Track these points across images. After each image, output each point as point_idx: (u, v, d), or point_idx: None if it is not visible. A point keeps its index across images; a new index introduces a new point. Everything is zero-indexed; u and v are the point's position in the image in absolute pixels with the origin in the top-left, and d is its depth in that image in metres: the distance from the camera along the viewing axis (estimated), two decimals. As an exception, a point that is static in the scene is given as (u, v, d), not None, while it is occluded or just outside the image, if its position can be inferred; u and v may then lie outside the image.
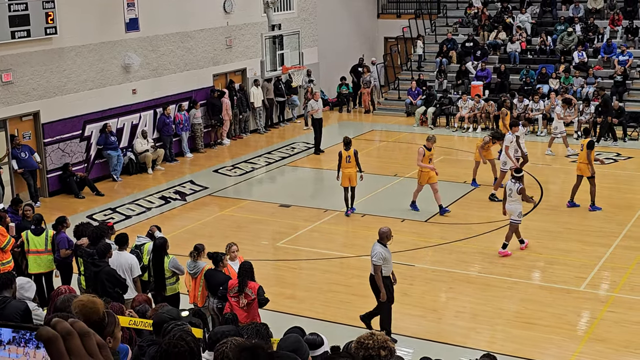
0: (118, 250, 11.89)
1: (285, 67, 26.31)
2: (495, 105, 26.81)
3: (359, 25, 34.46)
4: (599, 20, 30.23)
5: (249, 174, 22.56)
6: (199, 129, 24.89)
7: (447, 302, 13.86)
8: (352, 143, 18.35)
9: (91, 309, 4.84)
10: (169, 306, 8.58)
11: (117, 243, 12.05)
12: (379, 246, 11.99)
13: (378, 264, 11.87)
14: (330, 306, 13.64)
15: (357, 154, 18.12)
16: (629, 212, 17.93)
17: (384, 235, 12.09)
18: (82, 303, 4.90)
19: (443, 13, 33.95)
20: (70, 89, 21.03)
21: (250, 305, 10.85)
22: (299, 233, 17.47)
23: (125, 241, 12.12)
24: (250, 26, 27.06)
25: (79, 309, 4.86)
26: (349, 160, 18.08)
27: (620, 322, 12.66)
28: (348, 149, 18.12)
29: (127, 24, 22.55)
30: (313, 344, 6.67)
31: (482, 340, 12.20)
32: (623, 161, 22.35)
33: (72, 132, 21.16)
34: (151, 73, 23.48)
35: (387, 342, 4.65)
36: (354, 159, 18.03)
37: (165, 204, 19.97)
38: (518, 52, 29.73)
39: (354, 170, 18.09)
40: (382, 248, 11.98)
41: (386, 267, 11.99)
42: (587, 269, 14.85)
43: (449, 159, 23.50)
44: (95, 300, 4.98)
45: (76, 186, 20.54)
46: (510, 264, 15.24)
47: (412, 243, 16.48)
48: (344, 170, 18.14)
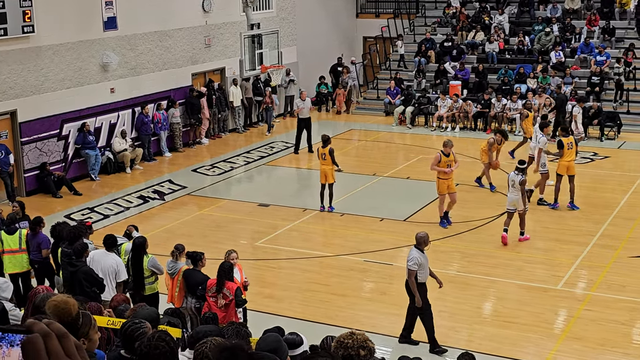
0: (106, 250, 11.79)
1: (264, 66, 26.26)
2: (474, 105, 26.95)
3: (337, 25, 34.49)
4: (576, 20, 30.45)
5: (227, 173, 22.52)
6: (178, 128, 24.81)
7: (425, 301, 13.89)
8: (329, 141, 18.40)
9: (63, 309, 4.81)
10: (147, 306, 8.54)
11: (104, 243, 11.91)
12: (416, 251, 11.59)
13: (413, 269, 11.50)
14: (309, 305, 13.65)
15: (333, 153, 18.18)
16: (605, 211, 18.07)
17: (422, 240, 11.70)
18: (54, 303, 4.87)
19: (422, 13, 34.06)
20: (47, 88, 20.90)
21: (228, 306, 10.83)
22: (277, 232, 17.46)
23: (113, 243, 11.96)
24: (229, 25, 27.01)
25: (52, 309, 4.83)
26: (324, 158, 18.22)
27: (597, 320, 12.77)
28: (324, 147, 18.23)
29: (105, 23, 22.44)
30: (292, 343, 6.67)
31: (461, 339, 12.26)
32: (600, 160, 22.52)
33: (49, 131, 21.02)
34: (129, 72, 23.38)
35: (366, 341, 4.67)
36: (329, 157, 18.10)
37: (144, 203, 19.90)
38: (496, 52, 29.89)
39: (329, 168, 18.19)
40: (419, 253, 11.60)
41: (422, 273, 11.62)
42: (564, 268, 14.96)
43: (428, 158, 23.52)
44: (69, 300, 4.94)
45: (54, 185, 20.41)
46: (489, 263, 15.32)
47: (390, 242, 16.53)
48: (320, 167, 18.36)
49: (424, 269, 11.67)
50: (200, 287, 11.27)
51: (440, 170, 17.08)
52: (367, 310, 13.42)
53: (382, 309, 13.45)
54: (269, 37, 26.57)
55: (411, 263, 11.51)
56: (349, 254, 15.93)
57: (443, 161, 17.08)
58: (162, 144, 24.38)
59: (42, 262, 13.19)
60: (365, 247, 16.32)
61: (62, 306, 4.84)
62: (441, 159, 17.09)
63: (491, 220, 17.74)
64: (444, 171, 17.04)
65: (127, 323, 6.21)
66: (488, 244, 16.28)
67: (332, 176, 18.26)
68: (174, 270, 11.84)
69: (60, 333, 1.75)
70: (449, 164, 17.07)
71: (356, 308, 13.53)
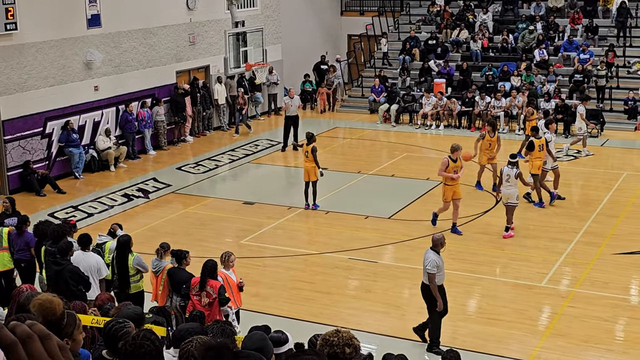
0: (82, 250, 11.74)
1: (248, 64, 26.28)
2: (458, 102, 27.02)
3: (322, 23, 34.51)
4: (559, 18, 30.61)
5: (212, 172, 22.48)
6: (162, 126, 24.74)
7: (410, 298, 13.94)
8: (314, 138, 18.42)
9: (48, 308, 4.78)
10: (132, 305, 8.53)
11: (80, 244, 11.87)
12: (433, 253, 11.41)
13: (432, 272, 11.31)
14: (294, 303, 13.66)
15: (315, 151, 18.14)
16: (589, 208, 18.18)
17: (438, 242, 11.52)
18: (39, 302, 4.84)
19: (406, 11, 34.12)
20: (31, 86, 20.79)
21: (212, 304, 10.83)
22: (262, 230, 17.45)
23: (88, 242, 11.95)
24: (213, 23, 26.95)
25: (37, 308, 4.80)
26: (307, 155, 18.28)
27: (580, 317, 12.84)
28: (308, 144, 18.30)
29: (89, 20, 22.35)
30: (278, 341, 6.68)
31: (445, 336, 12.28)
32: (583, 158, 22.63)
33: (33, 129, 20.91)
34: (113, 70, 23.29)
35: (352, 339, 4.67)
36: (311, 155, 18.16)
37: (128, 201, 19.84)
38: (480, 50, 29.98)
39: (312, 165, 18.21)
40: (436, 255, 11.42)
41: (440, 275, 11.49)
42: (548, 265, 15.04)
43: (412, 156, 23.63)
44: (53, 299, 4.91)
45: (37, 184, 20.31)
46: (473, 260, 15.38)
47: (375, 240, 16.56)
48: (303, 165, 18.47)
49: (442, 271, 11.51)
50: (185, 285, 11.26)
51: (448, 176, 16.47)
52: (351, 308, 13.44)
53: (366, 306, 13.48)
54: (254, 34, 26.60)
55: (430, 266, 11.30)
56: (334, 252, 15.95)
57: (451, 166, 16.39)
58: (146, 142, 24.31)
59: (29, 261, 13.12)
60: (349, 244, 16.34)
61: (47, 305, 4.82)
62: (449, 164, 16.38)
63: (475, 217, 17.81)
64: (452, 177, 16.45)
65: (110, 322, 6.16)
66: (472, 242, 16.34)
67: (314, 174, 18.28)
68: (159, 269, 11.82)
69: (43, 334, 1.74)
70: (455, 170, 16.46)
71: (341, 306, 13.56)
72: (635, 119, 25.85)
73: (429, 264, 11.33)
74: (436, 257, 11.40)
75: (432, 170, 21.34)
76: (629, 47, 28.70)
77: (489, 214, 18.05)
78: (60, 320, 4.86)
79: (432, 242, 11.61)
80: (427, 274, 11.42)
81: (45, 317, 4.78)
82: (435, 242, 11.56)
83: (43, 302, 4.82)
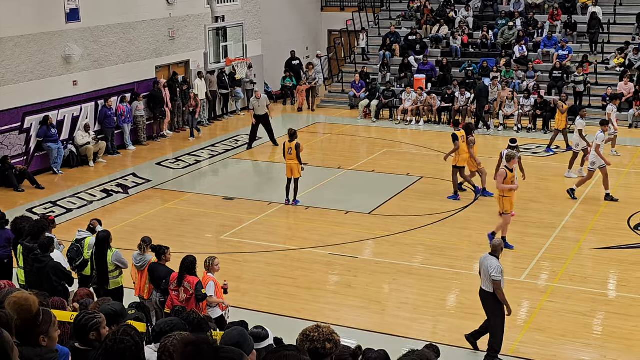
0: None
1: (229, 59, 26.21)
2: (438, 98, 27.10)
3: (302, 18, 34.49)
4: (539, 15, 30.77)
5: (192, 167, 22.42)
6: (142, 121, 24.64)
7: (390, 293, 13.98)
8: (296, 135, 18.42)
9: (24, 306, 4.76)
10: (111, 300, 8.49)
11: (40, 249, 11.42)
12: (495, 260, 11.07)
13: (498, 279, 10.96)
14: (274, 299, 13.65)
15: (299, 148, 18.21)
16: (567, 204, 18.30)
17: (499, 247, 11.25)
18: (14, 300, 4.81)
19: (386, 6, 34.19)
20: (8, 80, 20.63)
21: (189, 300, 10.81)
22: (243, 226, 17.44)
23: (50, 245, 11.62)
24: (193, 18, 26.86)
25: (12, 305, 4.77)
26: (290, 152, 18.29)
27: (559, 311, 12.93)
28: (291, 141, 18.27)
29: (68, 15, 22.20)
30: (257, 337, 6.67)
31: (425, 331, 12.35)
32: (562, 153, 22.77)
33: (11, 124, 20.76)
34: (92, 64, 23.16)
35: (332, 334, 4.68)
36: (295, 152, 18.14)
37: (108, 197, 19.74)
38: (460, 46, 30.07)
39: (295, 162, 18.26)
40: (498, 261, 11.09)
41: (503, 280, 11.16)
42: (527, 260, 15.13)
43: (392, 151, 23.68)
44: (29, 297, 4.88)
45: (15, 179, 20.17)
46: (452, 255, 15.44)
47: (355, 235, 16.58)
48: (286, 162, 18.43)
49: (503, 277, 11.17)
50: (164, 280, 11.23)
51: (508, 187, 15.48)
52: (332, 303, 13.46)
53: (347, 301, 13.50)
54: (234, 30, 26.53)
55: (495, 272, 10.94)
56: (314, 247, 15.96)
57: (509, 177, 15.52)
58: (125, 137, 24.20)
59: (10, 258, 13.01)
60: (330, 240, 16.36)
61: (22, 303, 4.79)
62: (507, 175, 15.50)
63: (455, 212, 17.88)
64: (512, 188, 15.57)
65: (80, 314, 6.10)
66: (452, 237, 16.40)
67: (297, 171, 18.31)
68: (143, 263, 11.77)
69: None
70: (512, 180, 15.62)
71: (321, 301, 13.57)
72: (613, 115, 25.99)
73: (494, 271, 10.93)
74: (498, 262, 11.07)
75: (412, 166, 21.53)
76: (607, 44, 28.87)
77: (468, 209, 18.13)
78: (36, 318, 4.83)
79: (492, 248, 11.28)
80: (491, 281, 11.00)
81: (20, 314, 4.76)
82: (496, 247, 11.25)
83: (18, 300, 4.79)
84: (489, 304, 11.24)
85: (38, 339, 4.86)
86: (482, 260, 11.31)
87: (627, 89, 26.31)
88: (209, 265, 11.33)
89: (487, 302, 11.25)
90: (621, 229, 16.68)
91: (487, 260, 11.13)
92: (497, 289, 11.01)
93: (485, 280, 11.19)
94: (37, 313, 4.86)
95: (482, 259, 11.32)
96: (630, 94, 26.22)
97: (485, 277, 11.16)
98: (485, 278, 11.15)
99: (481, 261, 11.33)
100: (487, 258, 11.18)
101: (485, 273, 11.13)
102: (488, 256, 11.21)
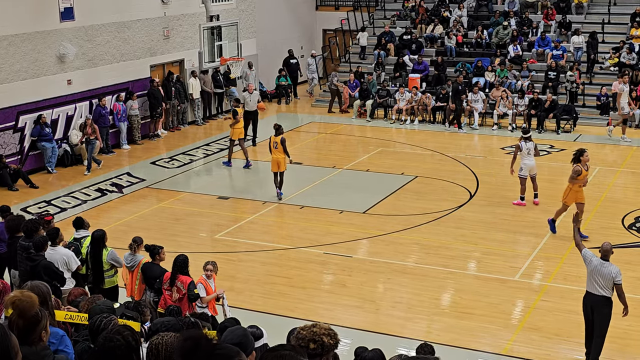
0: (50, 245, 11.57)
1: (223, 58, 26.17)
2: (433, 97, 27.11)
3: (297, 17, 34.48)
4: (533, 14, 30.81)
5: (187, 166, 22.40)
6: (136, 121, 24.61)
7: (384, 292, 13.99)
8: (282, 129, 18.68)
9: (28, 303, 4.78)
10: (103, 298, 8.49)
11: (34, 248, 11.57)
12: (613, 265, 10.80)
13: (620, 283, 10.73)
14: (269, 298, 13.65)
15: (285, 142, 18.46)
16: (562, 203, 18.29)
17: (611, 251, 10.95)
18: (17, 299, 4.82)
19: (381, 6, 34.20)
20: (2, 79, 20.59)
21: (182, 300, 10.80)
22: (237, 225, 17.43)
23: (56, 236, 11.73)
24: (188, 17, 26.84)
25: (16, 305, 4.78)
26: (276, 147, 18.49)
27: (553, 310, 12.95)
28: (277, 135, 18.53)
29: (62, 13, 22.17)
30: (252, 336, 6.67)
31: (419, 330, 12.36)
32: (556, 153, 22.81)
33: (5, 123, 20.73)
34: (87, 63, 23.12)
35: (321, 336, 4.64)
36: (281, 146, 18.36)
37: (102, 196, 19.72)
38: (454, 46, 30.09)
39: (282, 157, 18.46)
40: (614, 265, 10.82)
41: None
42: (521, 259, 15.15)
43: (387, 150, 23.69)
44: (32, 295, 4.91)
45: (9, 178, 20.13)
46: (447, 254, 15.45)
47: (350, 234, 16.59)
48: (272, 156, 18.64)
49: None
50: (158, 280, 11.22)
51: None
52: (326, 302, 13.46)
53: (341, 300, 13.51)
54: (229, 29, 26.48)
55: (619, 277, 10.70)
56: (309, 247, 15.96)
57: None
58: (120, 136, 24.16)
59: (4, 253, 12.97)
60: (324, 239, 16.36)
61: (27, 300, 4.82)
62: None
63: (449, 212, 17.89)
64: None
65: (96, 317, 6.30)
66: (446, 236, 16.42)
67: (284, 164, 18.60)
68: (133, 264, 11.75)
69: None
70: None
71: (316, 300, 13.58)
72: (607, 115, 26.07)
73: (617, 275, 10.68)
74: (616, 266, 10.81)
75: (407, 165, 21.54)
76: (601, 44, 28.90)
77: (462, 209, 18.15)
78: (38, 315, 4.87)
79: (604, 253, 10.90)
80: (613, 287, 10.74)
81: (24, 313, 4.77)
82: (607, 251, 10.90)
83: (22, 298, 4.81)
84: (607, 311, 10.90)
85: (40, 336, 4.90)
86: (597, 267, 10.85)
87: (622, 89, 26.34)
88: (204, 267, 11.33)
89: (605, 309, 10.89)
90: (615, 228, 16.71)
91: (605, 267, 10.76)
92: (621, 292, 10.77)
93: (603, 286, 10.80)
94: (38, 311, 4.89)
95: (598, 265, 10.84)
96: (624, 93, 26.25)
97: (605, 282, 10.78)
98: (605, 283, 10.78)
99: (597, 268, 10.85)
100: (603, 265, 10.81)
101: (605, 279, 10.76)
102: (603, 262, 10.84)
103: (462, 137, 25.17)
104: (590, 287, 10.97)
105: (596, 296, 10.89)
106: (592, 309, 10.98)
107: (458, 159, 22.25)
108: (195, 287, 10.88)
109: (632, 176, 20.87)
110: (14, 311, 4.77)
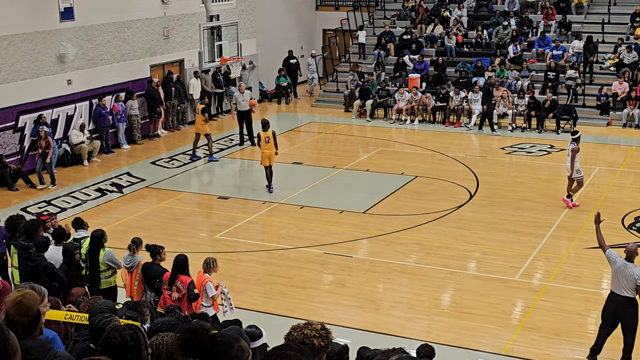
0: (55, 244, 11.59)
1: (223, 58, 26.16)
2: (433, 97, 27.11)
3: (297, 17, 34.47)
4: (533, 14, 30.81)
5: (186, 166, 22.40)
6: (136, 120, 24.60)
7: (384, 292, 13.99)
8: (269, 125, 19.12)
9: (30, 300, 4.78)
10: (102, 299, 8.49)
11: (54, 237, 11.72)
12: (637, 267, 10.72)
13: None
14: (269, 298, 13.65)
15: (275, 135, 19.12)
16: (561, 203, 18.30)
17: (635, 252, 10.91)
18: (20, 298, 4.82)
19: (381, 6, 34.19)
20: (2, 79, 20.59)
21: (182, 300, 10.79)
22: (237, 225, 17.42)
23: (62, 235, 11.76)
24: (188, 17, 26.83)
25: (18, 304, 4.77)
26: (267, 141, 18.92)
27: (553, 310, 12.95)
28: (266, 131, 18.98)
29: (62, 13, 22.16)
30: (251, 336, 6.69)
31: (420, 330, 12.35)
32: (556, 153, 22.81)
33: (5, 123, 20.72)
34: (87, 63, 23.12)
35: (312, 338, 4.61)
36: (272, 140, 18.85)
37: (102, 196, 19.72)
38: (454, 46, 30.08)
39: (273, 151, 19.03)
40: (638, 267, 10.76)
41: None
42: (521, 259, 15.14)
43: (387, 150, 23.68)
44: (33, 293, 4.92)
45: (9, 178, 20.13)
46: (447, 254, 15.44)
47: (350, 234, 16.58)
48: (263, 151, 19.05)
49: None
50: (158, 280, 11.21)
51: None
52: (326, 302, 13.46)
53: (341, 300, 13.50)
54: (229, 29, 26.48)
55: None
56: (309, 247, 15.95)
57: None
58: (120, 136, 24.15)
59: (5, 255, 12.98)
60: (324, 239, 16.36)
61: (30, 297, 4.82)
62: None
63: (449, 212, 17.89)
64: None
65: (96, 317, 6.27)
66: (446, 236, 16.41)
67: (274, 158, 19.21)
68: (133, 264, 11.73)
69: None
70: None
71: (316, 300, 13.57)
72: (607, 115, 26.07)
73: None
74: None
75: (407, 165, 21.53)
76: (601, 44, 28.90)
77: (462, 209, 18.14)
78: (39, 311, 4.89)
79: (628, 254, 10.86)
80: (635, 288, 10.67)
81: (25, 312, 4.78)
82: (632, 252, 10.86)
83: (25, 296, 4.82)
84: (632, 311, 10.84)
85: (41, 331, 4.91)
86: (621, 268, 10.80)
87: (622, 89, 26.35)
88: (210, 266, 11.28)
89: (630, 310, 10.84)
90: (615, 228, 16.69)
91: (629, 269, 10.68)
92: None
93: (627, 287, 10.74)
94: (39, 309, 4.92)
95: (622, 266, 10.77)
96: (624, 93, 26.24)
97: (628, 283, 10.73)
98: (628, 284, 10.72)
99: (620, 269, 10.80)
100: (627, 266, 10.75)
101: (629, 280, 10.71)
102: (627, 263, 10.77)
103: (462, 137, 25.16)
104: (614, 287, 10.94)
105: (620, 296, 10.84)
106: (616, 309, 10.92)
107: (458, 159, 22.25)
108: (196, 287, 10.88)
109: (632, 176, 20.86)
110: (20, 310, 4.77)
